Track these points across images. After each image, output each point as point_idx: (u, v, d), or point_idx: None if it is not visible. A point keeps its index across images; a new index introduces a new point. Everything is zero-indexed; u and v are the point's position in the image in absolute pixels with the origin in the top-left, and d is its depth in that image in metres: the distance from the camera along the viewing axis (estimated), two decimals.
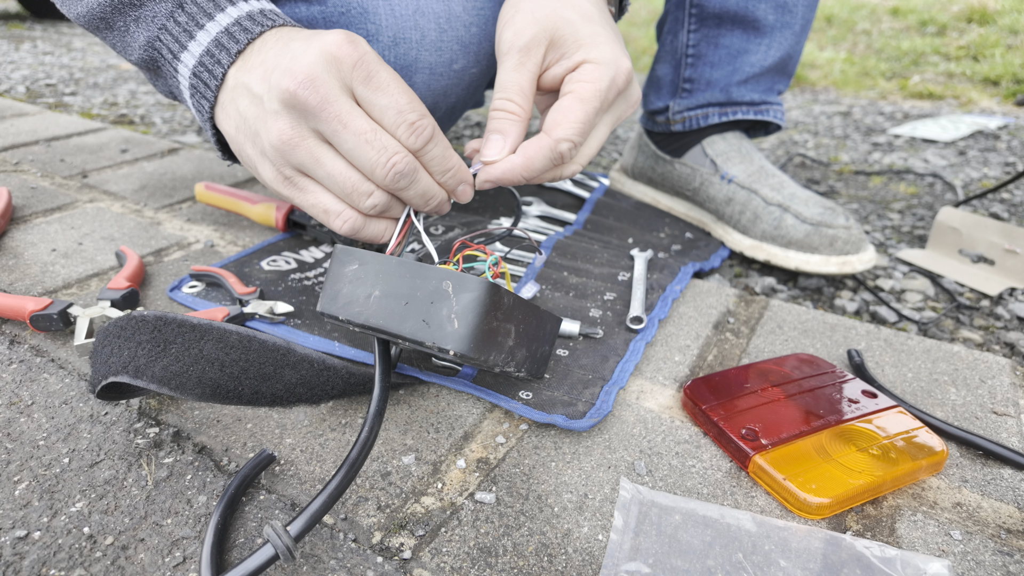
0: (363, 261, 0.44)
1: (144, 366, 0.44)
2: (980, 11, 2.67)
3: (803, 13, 0.81)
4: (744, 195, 0.82)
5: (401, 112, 0.45)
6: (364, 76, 0.45)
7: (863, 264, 0.76)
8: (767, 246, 0.80)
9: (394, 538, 0.41)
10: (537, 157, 0.49)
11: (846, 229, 0.76)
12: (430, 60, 0.67)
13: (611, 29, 0.53)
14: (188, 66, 0.51)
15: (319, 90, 0.43)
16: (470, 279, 0.40)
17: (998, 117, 1.72)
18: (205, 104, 0.51)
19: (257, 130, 0.48)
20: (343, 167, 0.46)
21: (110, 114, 1.51)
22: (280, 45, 0.48)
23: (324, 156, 0.46)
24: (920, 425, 0.49)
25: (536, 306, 0.46)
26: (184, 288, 0.66)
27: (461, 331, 0.40)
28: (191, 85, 0.52)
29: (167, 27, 0.51)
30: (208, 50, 0.50)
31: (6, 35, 2.55)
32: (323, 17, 0.64)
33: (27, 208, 0.85)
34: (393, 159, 0.45)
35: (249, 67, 0.48)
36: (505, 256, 0.75)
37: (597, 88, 0.49)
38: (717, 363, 0.59)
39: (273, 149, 0.47)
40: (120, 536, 0.40)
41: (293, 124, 0.45)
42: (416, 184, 0.46)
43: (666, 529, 0.41)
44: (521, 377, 0.49)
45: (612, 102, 0.52)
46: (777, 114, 0.86)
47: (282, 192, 0.50)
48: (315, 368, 0.50)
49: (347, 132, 0.44)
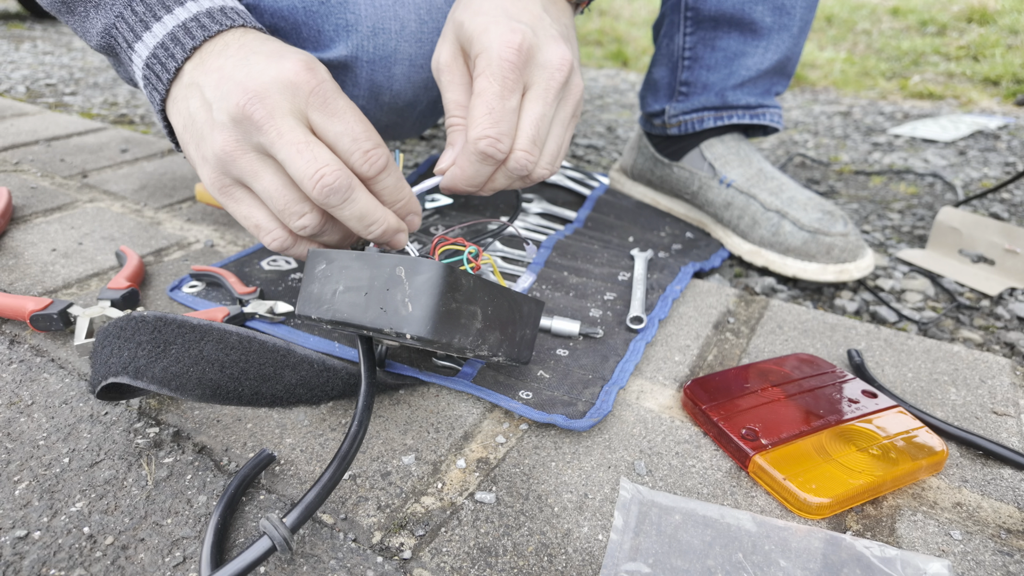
0: (329, 259, 0.45)
1: (144, 367, 0.44)
2: (980, 11, 2.67)
3: (801, 15, 0.81)
4: (743, 200, 0.82)
5: (356, 140, 0.46)
6: (320, 102, 0.45)
7: (860, 272, 0.76)
8: (765, 252, 0.80)
9: (394, 538, 0.41)
10: (466, 163, 0.50)
11: (843, 237, 0.76)
12: (410, 51, 0.67)
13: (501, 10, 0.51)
14: (142, 56, 0.51)
15: (266, 106, 0.44)
16: (423, 262, 0.41)
17: (998, 117, 1.72)
18: (156, 96, 0.52)
19: (203, 135, 0.48)
20: (279, 185, 0.47)
21: (110, 114, 1.51)
22: (241, 55, 0.48)
23: (262, 171, 0.47)
24: (920, 425, 0.49)
25: (507, 288, 0.46)
26: (184, 288, 0.66)
27: (416, 314, 0.40)
28: (144, 76, 0.52)
29: (124, 15, 0.52)
30: (163, 43, 0.50)
31: (6, 35, 2.55)
32: (303, 7, 0.64)
33: (27, 208, 0.85)
34: (322, 170, 0.44)
35: (207, 69, 0.48)
36: (505, 257, 0.75)
37: (488, 76, 0.48)
38: (717, 363, 0.59)
39: (215, 158, 0.47)
40: (120, 536, 0.40)
41: (237, 138, 0.46)
42: (351, 204, 0.46)
43: (666, 529, 0.41)
44: (501, 362, 0.49)
45: (518, 79, 0.49)
46: (774, 118, 0.86)
47: (219, 199, 0.51)
48: (315, 369, 0.50)
49: (282, 142, 0.44)
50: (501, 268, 0.71)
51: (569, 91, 0.52)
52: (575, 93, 0.53)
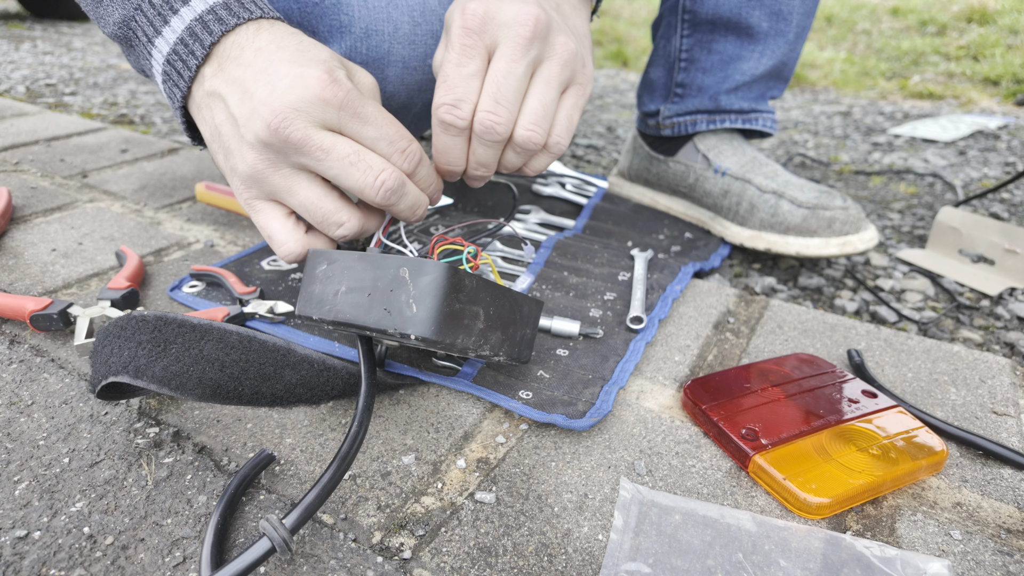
0: (331, 260, 0.45)
1: (144, 366, 0.44)
2: (980, 11, 2.67)
3: (798, 21, 0.81)
4: (739, 186, 0.82)
5: (392, 141, 0.47)
6: (351, 115, 0.46)
7: (864, 243, 0.75)
8: (766, 234, 0.79)
9: (394, 538, 0.41)
10: (436, 140, 0.49)
11: (843, 209, 0.75)
12: (403, 53, 0.67)
13: None
14: (163, 52, 0.50)
15: (299, 127, 0.44)
16: (426, 263, 0.41)
17: (998, 117, 1.72)
18: (177, 93, 0.51)
19: (230, 149, 0.48)
20: (316, 196, 0.48)
21: (110, 114, 1.51)
22: (261, 60, 0.46)
23: (296, 186, 0.48)
24: (920, 425, 0.49)
25: (508, 288, 0.47)
26: (184, 288, 0.66)
27: (421, 315, 0.40)
28: (164, 71, 0.51)
29: (142, 7, 0.50)
30: (182, 38, 0.49)
31: (6, 35, 2.55)
32: (298, 7, 0.64)
33: (27, 208, 0.85)
34: (381, 176, 0.46)
35: (227, 77, 0.47)
36: (505, 257, 0.75)
37: (446, 47, 0.47)
38: (717, 363, 0.59)
39: (245, 175, 0.48)
40: (120, 536, 0.40)
41: (268, 157, 0.47)
42: (405, 197, 0.48)
43: (666, 529, 0.41)
44: (502, 361, 0.49)
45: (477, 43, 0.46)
46: (767, 123, 0.86)
47: (244, 209, 0.52)
48: (315, 369, 0.50)
49: (331, 158, 0.45)
50: (501, 268, 0.71)
51: (549, 50, 0.48)
52: (559, 52, 0.48)
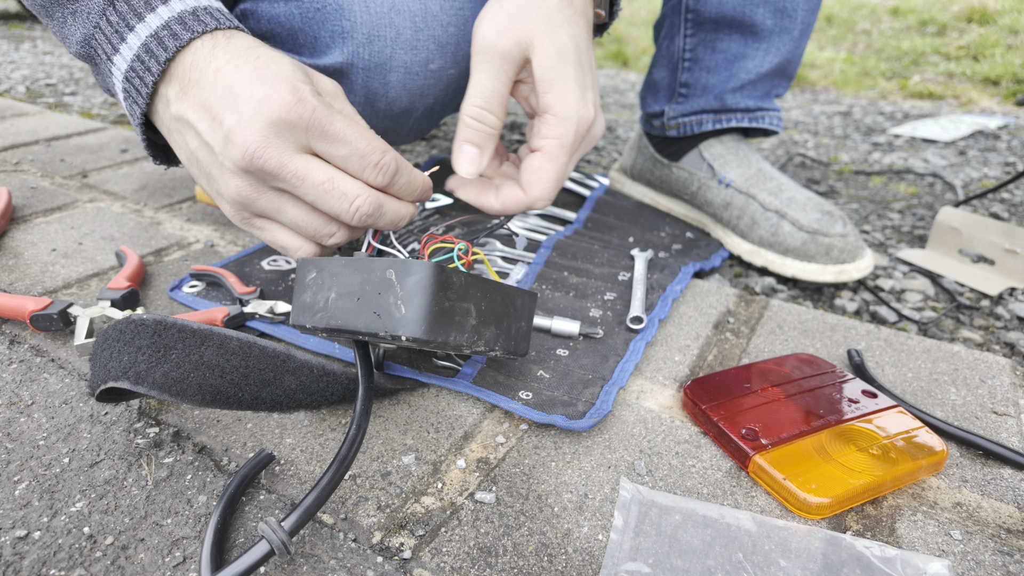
0: (319, 267, 0.45)
1: (144, 372, 0.44)
2: (980, 11, 2.67)
3: (803, 18, 0.81)
4: (742, 200, 0.82)
5: (363, 156, 0.47)
6: (319, 134, 0.46)
7: (859, 272, 0.76)
8: (765, 252, 0.80)
9: (394, 538, 0.41)
10: (513, 208, 0.55)
11: (842, 237, 0.76)
12: (405, 59, 0.67)
13: (577, 66, 0.53)
14: (121, 69, 0.50)
15: (271, 155, 0.45)
16: (412, 263, 0.41)
17: (998, 117, 1.72)
18: (136, 110, 0.51)
19: (212, 175, 0.49)
20: (304, 214, 0.49)
21: (110, 114, 1.51)
22: (221, 84, 0.46)
23: (283, 206, 0.49)
24: (920, 425, 0.49)
25: (500, 283, 0.46)
26: (184, 288, 0.66)
27: (410, 316, 0.40)
28: (124, 89, 0.51)
29: (100, 26, 0.50)
30: (138, 55, 0.49)
31: (6, 35, 2.55)
32: (300, 13, 0.64)
33: (27, 208, 0.85)
34: (356, 203, 0.47)
35: (192, 102, 0.47)
36: (505, 257, 0.74)
37: (562, 144, 0.53)
38: (717, 363, 0.59)
39: (232, 200, 0.49)
40: (120, 536, 0.40)
41: (250, 183, 0.47)
42: (384, 216, 0.49)
43: (666, 529, 0.41)
44: (499, 356, 0.49)
45: (577, 148, 0.55)
46: (773, 121, 0.86)
47: (242, 228, 0.53)
48: (315, 374, 0.50)
49: (307, 185, 0.46)
50: (500, 268, 0.71)
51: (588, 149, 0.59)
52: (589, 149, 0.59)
